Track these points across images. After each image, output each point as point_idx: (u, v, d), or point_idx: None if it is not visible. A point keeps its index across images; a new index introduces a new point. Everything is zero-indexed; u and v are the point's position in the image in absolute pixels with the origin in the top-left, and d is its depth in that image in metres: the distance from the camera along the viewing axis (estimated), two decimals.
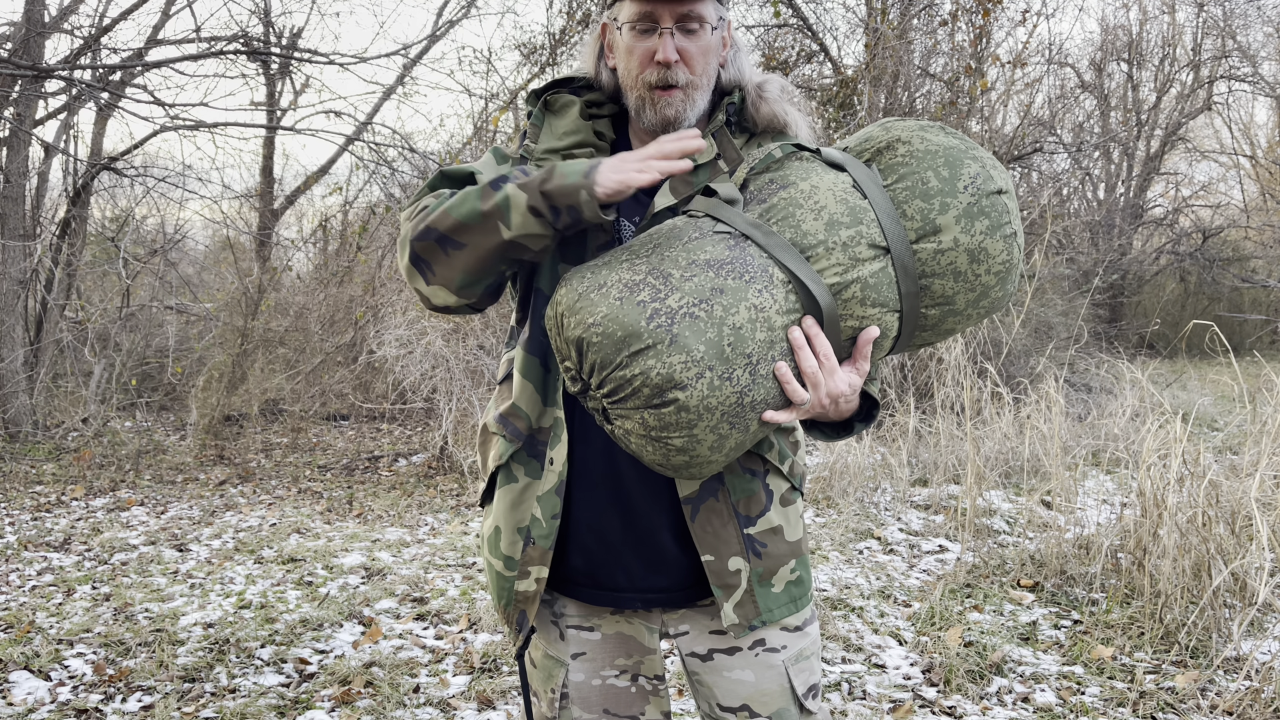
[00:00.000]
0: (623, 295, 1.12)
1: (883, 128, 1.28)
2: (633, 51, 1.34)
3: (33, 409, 6.93)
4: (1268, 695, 2.79)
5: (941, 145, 1.23)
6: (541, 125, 1.41)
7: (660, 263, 1.15)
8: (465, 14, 9.36)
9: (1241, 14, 13.96)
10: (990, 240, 1.20)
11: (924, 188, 1.20)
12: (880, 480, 5.43)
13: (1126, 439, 5.73)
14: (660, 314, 1.10)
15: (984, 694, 2.94)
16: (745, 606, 1.36)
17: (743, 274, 1.14)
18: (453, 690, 2.97)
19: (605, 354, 1.11)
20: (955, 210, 1.19)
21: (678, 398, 1.10)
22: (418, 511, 5.20)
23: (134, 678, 3.03)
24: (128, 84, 7.52)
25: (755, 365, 1.13)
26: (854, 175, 1.22)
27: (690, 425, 1.12)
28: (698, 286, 1.12)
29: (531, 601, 1.40)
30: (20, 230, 6.94)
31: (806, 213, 1.18)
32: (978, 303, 1.24)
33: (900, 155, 1.23)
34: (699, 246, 1.16)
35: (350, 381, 7.73)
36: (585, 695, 1.45)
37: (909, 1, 8.02)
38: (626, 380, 1.11)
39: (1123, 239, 12.85)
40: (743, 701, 1.42)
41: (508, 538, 1.41)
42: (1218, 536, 3.38)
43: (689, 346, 1.10)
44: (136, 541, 4.59)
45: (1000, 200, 1.21)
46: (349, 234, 9.08)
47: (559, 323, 1.17)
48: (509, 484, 1.41)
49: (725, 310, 1.12)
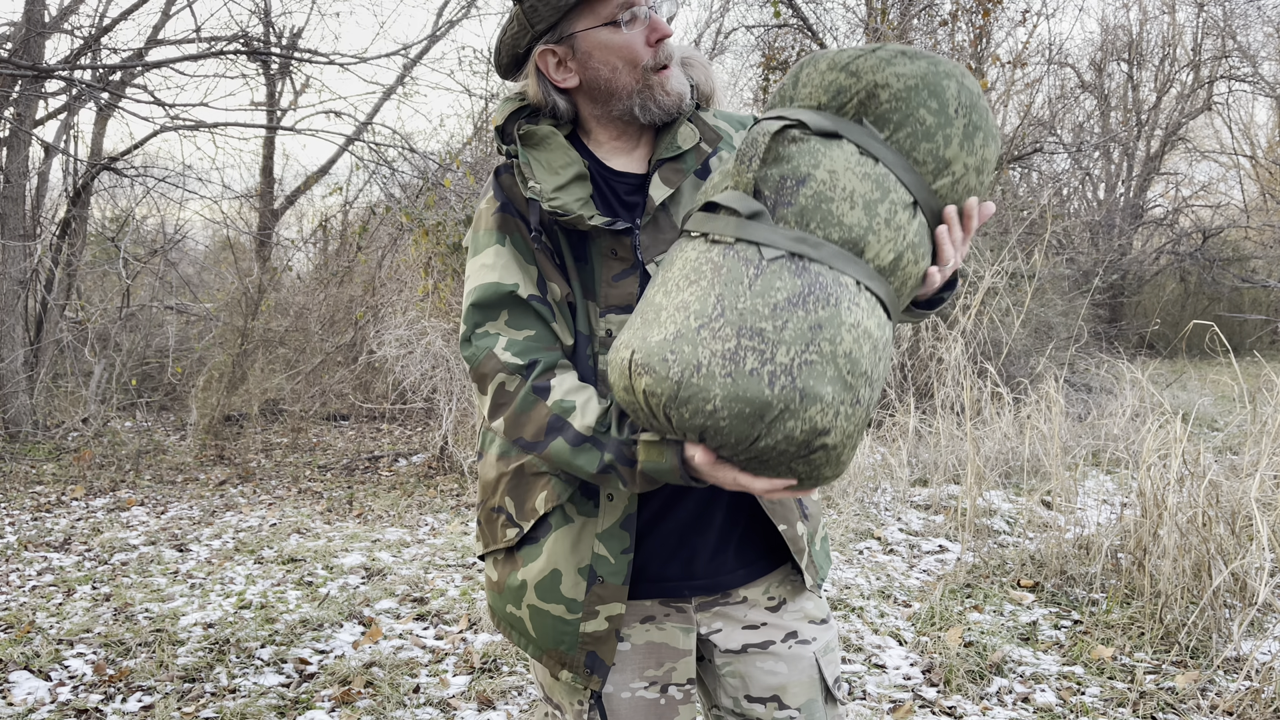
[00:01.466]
0: (730, 370, 1.09)
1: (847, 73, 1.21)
2: (631, 44, 1.32)
3: (33, 409, 6.93)
4: (1268, 695, 2.79)
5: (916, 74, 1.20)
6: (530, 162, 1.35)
7: (741, 319, 1.11)
8: (465, 14, 9.37)
9: (1241, 14, 13.98)
10: (987, 149, 1.24)
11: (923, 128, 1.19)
12: (880, 480, 5.43)
13: (1126, 439, 5.73)
14: (779, 375, 1.08)
15: (984, 694, 2.94)
16: (810, 568, 1.44)
17: (826, 299, 1.12)
18: (453, 690, 2.97)
19: (739, 433, 1.10)
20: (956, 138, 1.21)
21: (825, 442, 1.11)
22: (418, 511, 5.20)
23: (134, 678, 3.03)
24: (128, 84, 7.52)
25: (872, 379, 1.14)
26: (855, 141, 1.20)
27: (839, 455, 1.14)
28: (796, 332, 1.10)
29: (604, 641, 1.36)
30: (20, 230, 6.94)
31: (840, 204, 1.16)
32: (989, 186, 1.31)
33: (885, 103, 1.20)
34: (767, 285, 1.12)
35: (350, 381, 7.74)
36: (614, 708, 1.42)
37: (909, 1, 8.02)
38: (770, 448, 1.11)
39: (1123, 239, 12.85)
40: (773, 692, 1.44)
41: (569, 580, 1.36)
42: (1218, 536, 3.38)
43: (819, 394, 1.09)
44: (136, 541, 4.59)
45: (980, 102, 1.23)
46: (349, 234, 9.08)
47: (648, 404, 1.14)
48: (565, 525, 1.36)
49: (833, 344, 1.10)
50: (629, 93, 1.35)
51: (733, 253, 1.15)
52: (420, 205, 7.05)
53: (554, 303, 1.35)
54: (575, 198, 1.33)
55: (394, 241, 8.35)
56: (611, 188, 1.40)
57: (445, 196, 6.96)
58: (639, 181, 1.40)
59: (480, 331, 1.34)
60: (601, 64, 1.34)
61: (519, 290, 1.33)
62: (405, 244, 7.90)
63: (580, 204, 1.33)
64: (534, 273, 1.35)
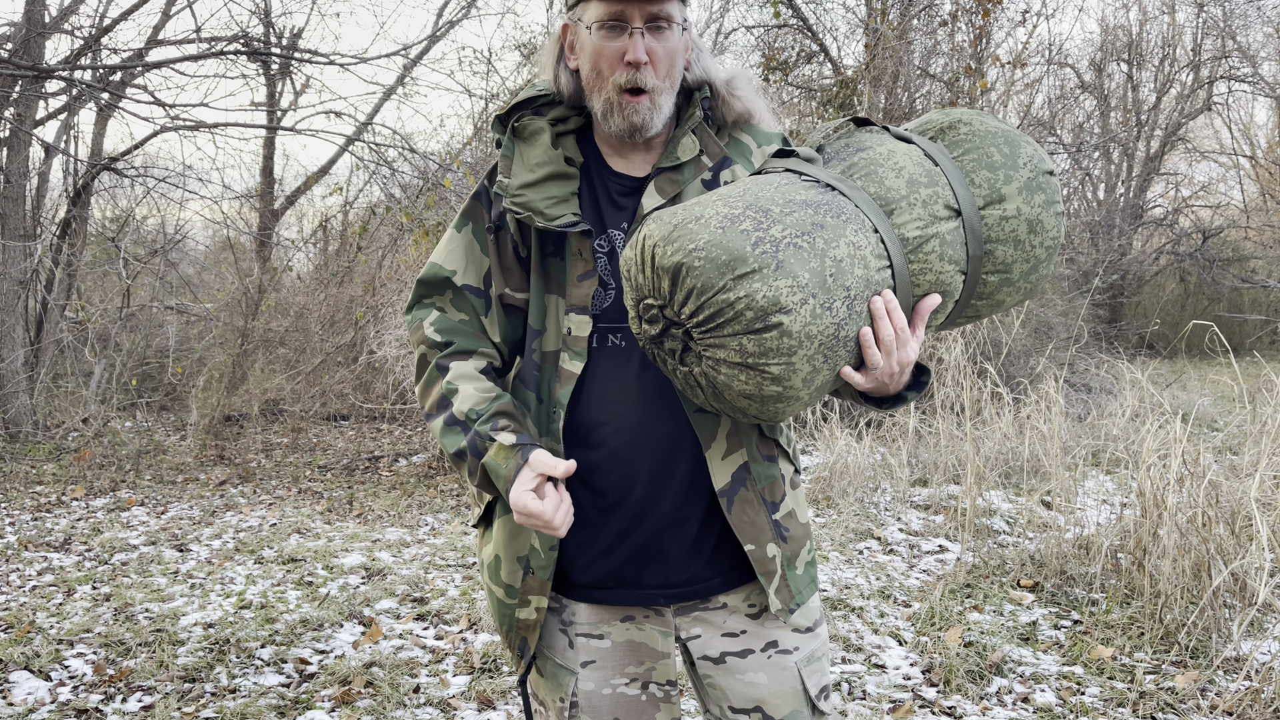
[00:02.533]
0: (724, 225, 1.14)
1: (942, 113, 1.36)
2: (601, 53, 1.33)
3: (33, 409, 6.93)
4: (1268, 695, 2.79)
5: (999, 128, 1.33)
6: (513, 155, 1.39)
7: (756, 200, 1.18)
8: (465, 14, 9.36)
9: (1241, 14, 13.96)
10: (1046, 214, 1.30)
11: (989, 160, 1.29)
12: (880, 480, 5.43)
13: (1126, 439, 5.73)
14: (765, 241, 1.13)
15: (984, 694, 2.94)
16: (782, 592, 1.39)
17: (839, 214, 1.19)
18: (453, 690, 2.97)
19: (707, 278, 1.12)
20: (1018, 183, 1.29)
21: (782, 321, 1.11)
22: (418, 511, 5.20)
23: (134, 678, 3.04)
24: (128, 84, 7.52)
25: (852, 300, 1.16)
26: (922, 147, 1.30)
27: (790, 352, 1.13)
28: (798, 220, 1.16)
29: (532, 630, 1.41)
30: (20, 230, 6.94)
31: (888, 171, 1.25)
32: (1029, 275, 1.33)
33: (963, 133, 1.32)
34: (791, 190, 1.20)
35: (350, 381, 7.74)
36: (595, 704, 1.44)
37: (909, 1, 8.02)
38: (729, 304, 1.12)
39: (1123, 239, 12.85)
40: (755, 704, 1.42)
41: (508, 566, 1.41)
42: (1218, 537, 3.38)
43: (794, 272, 1.12)
44: (137, 541, 4.59)
45: (1052, 181, 1.31)
46: (349, 234, 9.08)
47: (647, 255, 1.17)
48: (507, 514, 1.41)
49: (826, 243, 1.15)
50: (598, 98, 1.36)
51: (775, 175, 1.26)
52: (420, 205, 7.05)
53: (493, 297, 1.42)
54: (546, 195, 1.36)
55: (394, 242, 8.35)
56: (605, 186, 1.42)
57: (445, 197, 6.96)
58: (634, 185, 1.41)
59: (423, 304, 1.45)
60: (584, 60, 1.37)
61: (454, 278, 1.42)
62: (405, 244, 7.90)
63: (551, 202, 1.36)
64: (484, 264, 1.43)
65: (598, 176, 1.42)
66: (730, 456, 1.36)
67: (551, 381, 1.37)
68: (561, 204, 1.36)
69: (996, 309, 1.36)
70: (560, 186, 1.37)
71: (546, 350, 1.39)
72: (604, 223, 1.39)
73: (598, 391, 1.37)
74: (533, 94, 1.44)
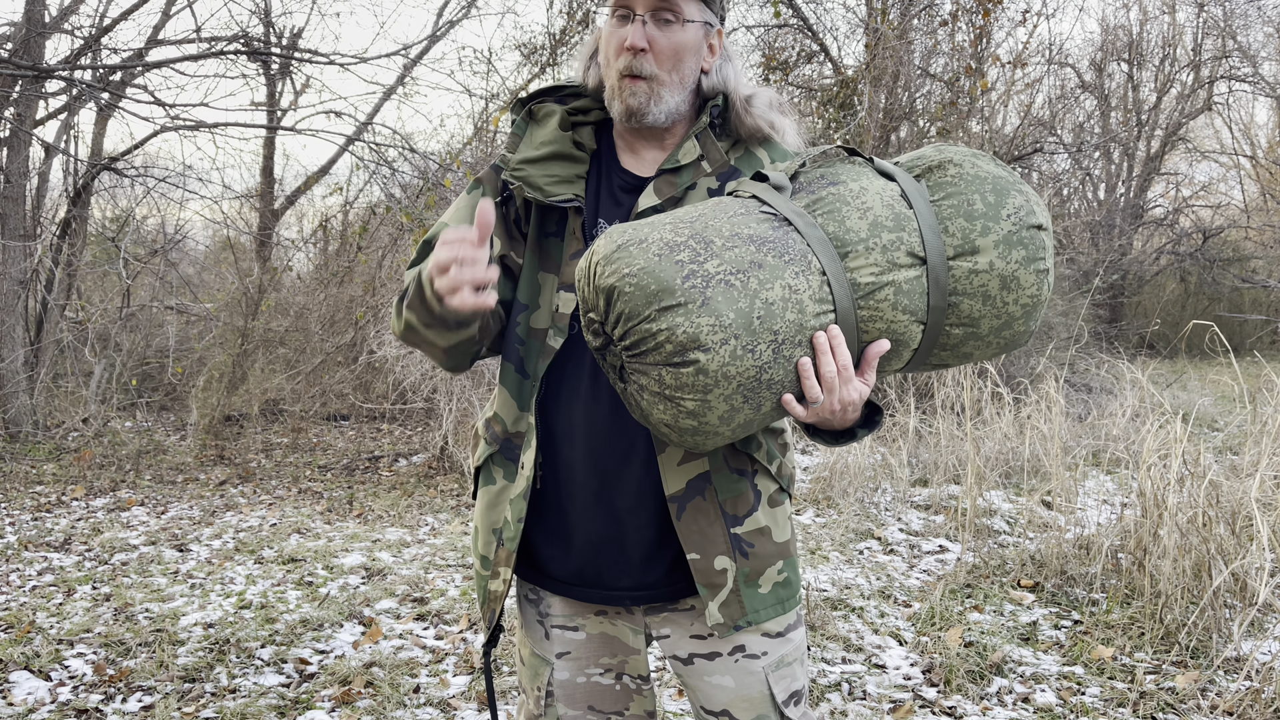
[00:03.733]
0: (662, 253, 1.14)
1: (936, 149, 1.32)
2: (610, 40, 1.37)
3: (33, 409, 6.93)
4: (1268, 695, 2.79)
5: (991, 173, 1.27)
6: (523, 135, 1.42)
7: (704, 230, 1.17)
8: (465, 14, 9.35)
9: (1241, 14, 13.96)
10: (1024, 271, 1.23)
11: (969, 209, 1.24)
12: (880, 480, 5.43)
13: (1126, 439, 5.73)
14: (696, 275, 1.12)
15: (984, 694, 2.94)
16: (731, 606, 1.35)
17: (783, 254, 1.17)
18: (453, 690, 2.97)
19: (635, 305, 1.13)
20: (995, 235, 1.23)
21: (698, 359, 1.11)
22: (418, 512, 5.20)
23: (134, 678, 3.03)
24: (128, 84, 7.52)
25: (780, 345, 1.15)
26: (902, 185, 1.26)
27: (705, 390, 1.13)
28: (737, 257, 1.14)
29: (499, 601, 1.42)
30: (20, 230, 6.94)
31: (852, 210, 1.22)
32: (1000, 331, 1.27)
33: (950, 175, 1.27)
34: (744, 222, 1.19)
35: (350, 381, 7.73)
36: (570, 693, 1.47)
37: (909, 1, 8.01)
38: (651, 334, 1.12)
39: (1123, 239, 12.84)
40: (724, 707, 1.42)
41: (483, 537, 1.44)
42: (1218, 537, 3.38)
43: (719, 311, 1.11)
44: (137, 541, 4.59)
45: (1039, 236, 1.25)
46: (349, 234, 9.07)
47: (592, 271, 1.18)
48: (488, 485, 1.45)
49: (760, 284, 1.14)
50: (607, 86, 1.39)
51: (739, 200, 1.24)
52: (420, 205, 7.05)
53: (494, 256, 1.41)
54: (547, 173, 1.38)
55: (394, 241, 8.34)
56: (610, 179, 1.43)
57: (445, 196, 6.96)
58: (637, 183, 1.42)
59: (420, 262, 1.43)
60: (601, 50, 1.40)
61: None
62: (405, 244, 7.90)
63: (552, 180, 1.37)
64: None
65: (605, 168, 1.44)
66: (689, 463, 1.35)
67: (537, 357, 1.39)
68: (563, 183, 1.38)
69: (965, 360, 1.31)
70: (564, 167, 1.39)
71: (535, 326, 1.40)
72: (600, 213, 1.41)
73: (569, 375, 1.39)
74: (560, 84, 1.47)
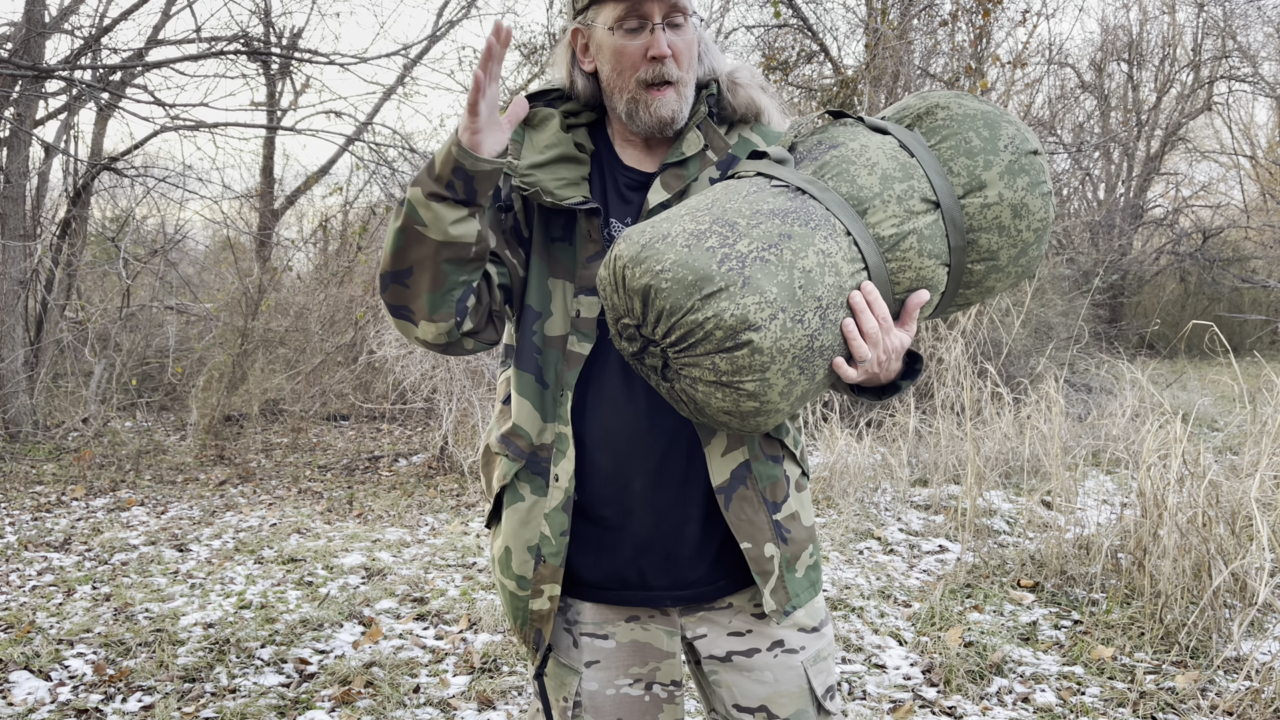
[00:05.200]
0: (690, 243, 1.13)
1: (919, 97, 1.33)
2: (623, 52, 1.34)
3: (33, 409, 6.93)
4: (1268, 695, 2.79)
5: (979, 109, 1.29)
6: (522, 141, 1.40)
7: (723, 213, 1.16)
8: (465, 14, 9.36)
9: (1241, 14, 13.96)
10: (1030, 196, 1.26)
11: (967, 146, 1.26)
12: (880, 480, 5.43)
13: (1126, 439, 5.73)
14: (731, 258, 1.12)
15: (984, 694, 2.94)
16: (779, 593, 1.38)
17: (807, 221, 1.17)
18: (453, 690, 2.97)
19: (676, 299, 1.12)
20: (998, 167, 1.25)
21: (751, 339, 1.10)
22: (418, 511, 5.20)
23: (134, 678, 3.03)
24: (128, 84, 7.52)
25: (825, 310, 1.15)
26: (898, 137, 1.27)
27: (763, 369, 1.12)
28: (765, 233, 1.14)
29: (547, 620, 1.40)
30: (20, 230, 6.94)
31: (860, 168, 1.23)
32: (1018, 259, 1.30)
33: (940, 119, 1.29)
34: (759, 199, 1.18)
35: (350, 381, 7.73)
36: (598, 704, 1.44)
37: (909, 1, 8.01)
38: (699, 324, 1.11)
39: (1123, 239, 12.84)
40: (761, 702, 1.42)
41: (519, 557, 1.40)
42: (1218, 537, 3.38)
43: (762, 288, 1.11)
44: (137, 541, 4.59)
45: (1036, 160, 1.28)
46: (349, 234, 9.08)
47: (619, 276, 1.17)
48: (516, 503, 1.41)
49: (794, 254, 1.14)
50: (622, 98, 1.37)
51: (746, 180, 1.23)
52: None
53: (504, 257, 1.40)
54: (555, 176, 1.36)
55: None
56: (614, 178, 1.42)
57: None
58: (643, 180, 1.41)
59: None
60: (604, 62, 1.37)
61: None
62: None
63: (561, 183, 1.36)
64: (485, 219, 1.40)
65: (608, 168, 1.43)
66: (731, 453, 1.36)
67: (558, 365, 1.37)
68: (571, 186, 1.37)
69: (988, 295, 1.34)
70: (570, 170, 1.38)
71: (551, 335, 1.38)
72: (608, 213, 1.40)
73: (596, 380, 1.37)
74: (545, 88, 1.45)
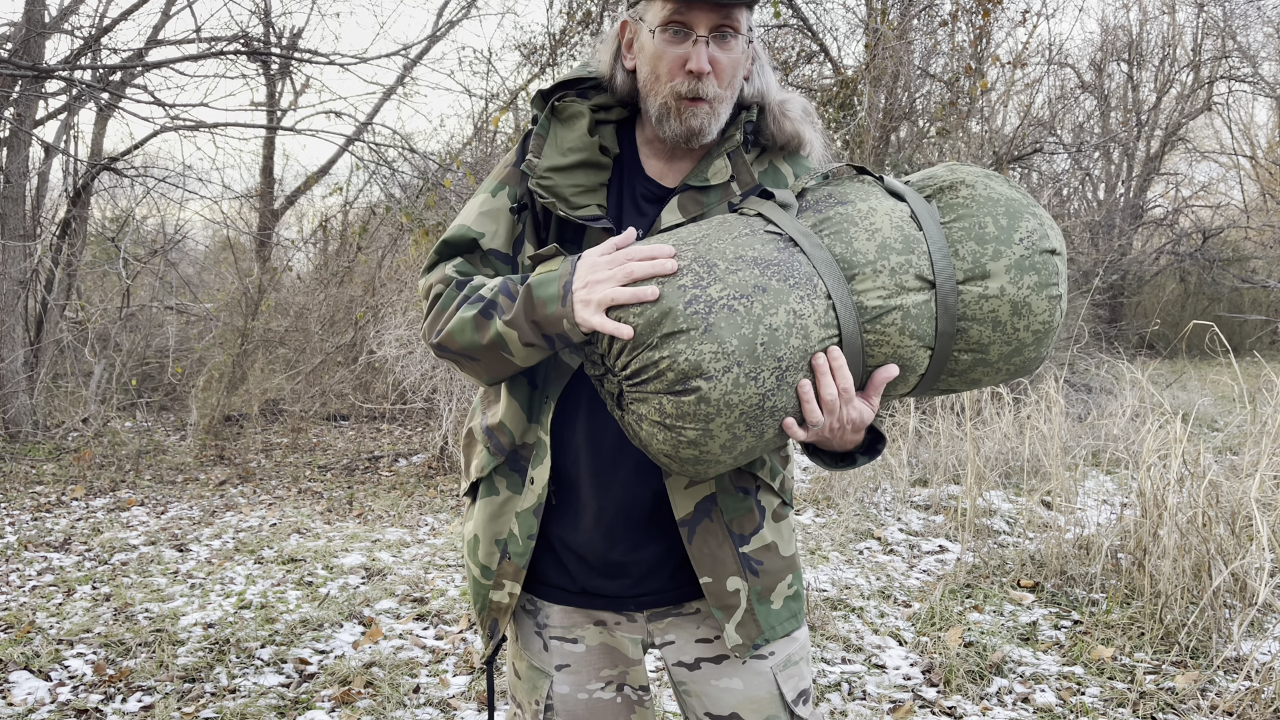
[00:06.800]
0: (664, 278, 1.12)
1: (948, 169, 1.28)
2: (662, 57, 1.29)
3: (33, 409, 6.93)
4: (1268, 695, 2.79)
5: (1004, 195, 1.23)
6: (547, 135, 1.34)
7: (707, 252, 1.14)
8: (465, 14, 9.36)
9: (1241, 14, 13.96)
10: (1036, 297, 1.20)
11: (980, 232, 1.21)
12: (880, 480, 5.43)
13: (1126, 439, 5.73)
14: (699, 300, 1.10)
15: (984, 694, 2.94)
16: (747, 626, 1.35)
17: (788, 278, 1.13)
18: (453, 690, 2.97)
19: (639, 331, 1.11)
20: (1007, 260, 1.20)
21: (700, 387, 1.09)
22: (418, 512, 5.20)
23: (134, 678, 3.03)
24: (128, 84, 7.52)
25: (784, 372, 1.12)
26: (913, 206, 1.22)
27: (708, 419, 1.10)
28: (741, 281, 1.11)
29: (504, 612, 1.40)
30: (20, 230, 6.94)
31: (860, 231, 1.19)
32: (1010, 358, 1.24)
33: (962, 196, 1.24)
34: (748, 243, 1.15)
35: (350, 381, 7.73)
36: (570, 708, 1.44)
37: (909, 1, 8.01)
38: (654, 362, 1.10)
39: (1123, 239, 12.84)
40: (732, 710, 1.41)
41: (485, 548, 1.40)
42: (1218, 537, 3.38)
43: (722, 338, 1.09)
44: (136, 541, 4.59)
45: (1052, 260, 1.22)
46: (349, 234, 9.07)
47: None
48: (490, 496, 1.40)
49: (764, 309, 1.11)
50: (655, 101, 1.32)
51: (744, 219, 1.20)
52: (420, 205, 7.05)
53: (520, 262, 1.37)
54: (574, 183, 1.32)
55: (394, 242, 8.35)
56: (633, 187, 1.38)
57: (445, 197, 6.97)
58: (661, 194, 1.37)
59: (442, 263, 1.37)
60: (644, 62, 1.33)
61: (481, 240, 1.36)
62: (405, 244, 7.90)
63: (577, 190, 1.32)
64: (516, 229, 1.37)
65: (628, 175, 1.39)
66: (694, 487, 1.33)
67: (549, 370, 1.36)
68: (587, 193, 1.33)
69: (973, 386, 1.28)
70: (589, 175, 1.34)
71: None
72: (622, 224, 1.36)
73: (577, 392, 1.36)
74: (582, 74, 1.39)
